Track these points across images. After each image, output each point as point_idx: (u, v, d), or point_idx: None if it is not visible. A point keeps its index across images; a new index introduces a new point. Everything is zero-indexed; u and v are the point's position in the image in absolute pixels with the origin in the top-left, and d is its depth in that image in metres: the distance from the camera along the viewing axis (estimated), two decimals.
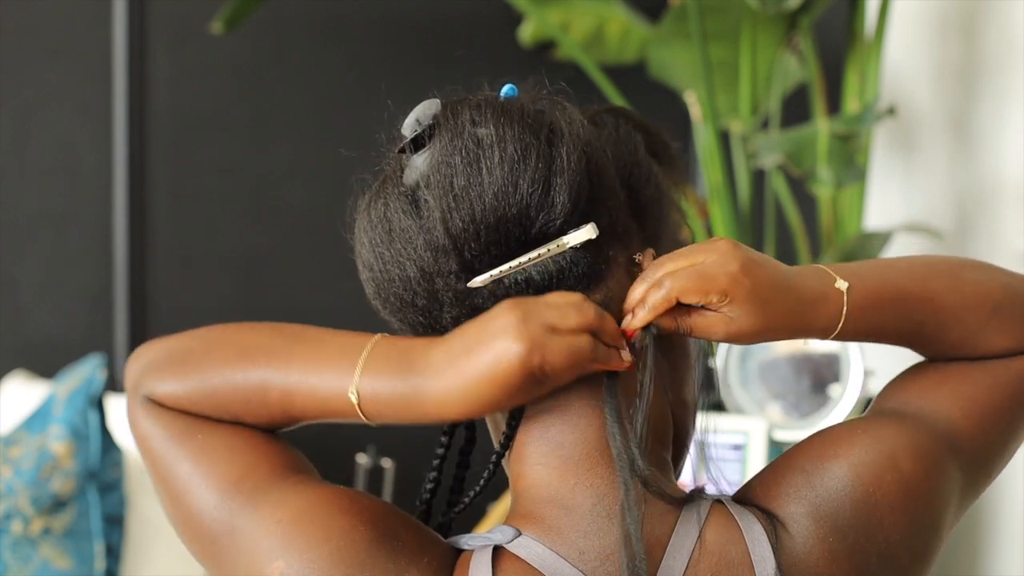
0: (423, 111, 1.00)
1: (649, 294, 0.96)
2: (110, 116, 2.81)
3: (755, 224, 2.62)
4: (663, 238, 1.04)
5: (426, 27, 2.94)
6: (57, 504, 2.35)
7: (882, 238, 2.45)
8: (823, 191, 2.40)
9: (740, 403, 2.14)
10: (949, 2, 2.71)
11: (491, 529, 0.97)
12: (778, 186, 2.64)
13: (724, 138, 2.60)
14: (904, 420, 1.02)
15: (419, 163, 0.98)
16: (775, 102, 2.57)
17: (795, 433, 2.10)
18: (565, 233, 0.97)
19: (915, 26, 2.77)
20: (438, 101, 1.01)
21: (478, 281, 0.96)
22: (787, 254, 2.68)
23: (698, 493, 0.99)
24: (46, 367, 2.72)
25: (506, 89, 1.05)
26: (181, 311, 2.87)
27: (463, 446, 1.05)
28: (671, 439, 1.04)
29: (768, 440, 2.05)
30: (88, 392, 2.40)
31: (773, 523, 0.96)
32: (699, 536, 0.95)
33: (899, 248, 2.73)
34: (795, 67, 2.63)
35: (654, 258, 1.00)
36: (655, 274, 0.97)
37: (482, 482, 1.02)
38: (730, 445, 2.08)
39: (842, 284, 1.00)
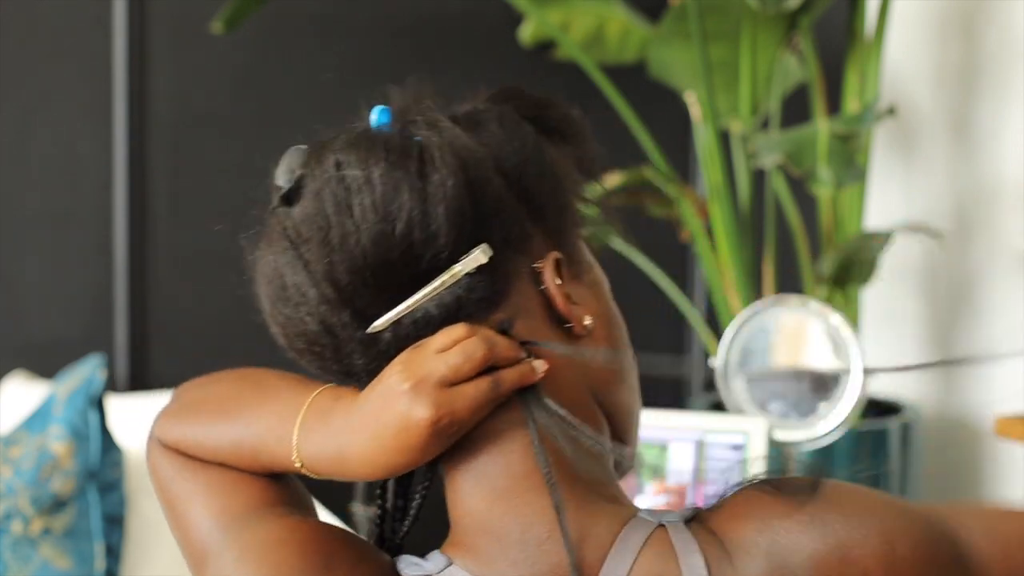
0: (290, 160, 0.98)
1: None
2: (110, 116, 2.81)
3: (755, 224, 2.62)
4: (567, 229, 1.00)
5: (426, 27, 2.94)
6: (57, 504, 2.35)
7: (882, 238, 2.45)
8: (823, 191, 2.40)
9: (740, 403, 2.14)
10: (949, 2, 2.71)
11: (426, 555, 0.97)
12: (778, 186, 2.64)
13: (724, 138, 2.60)
14: (930, 517, 0.94)
15: (296, 217, 0.96)
16: (775, 102, 2.57)
17: (795, 433, 2.10)
18: (456, 260, 0.93)
19: (915, 26, 2.77)
20: (304, 148, 0.98)
21: (376, 326, 0.94)
22: (787, 254, 2.68)
23: (646, 513, 0.95)
24: (46, 367, 2.72)
25: (377, 115, 0.99)
26: (181, 311, 2.87)
27: (393, 500, 1.04)
28: (607, 441, 0.99)
29: (768, 440, 2.05)
30: (88, 392, 2.40)
31: (720, 552, 0.91)
32: (633, 563, 0.91)
33: (899, 248, 2.73)
34: (795, 67, 2.63)
35: (557, 262, 0.97)
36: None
37: (409, 520, 1.03)
38: (730, 445, 2.08)
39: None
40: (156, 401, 2.57)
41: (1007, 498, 2.48)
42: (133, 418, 2.56)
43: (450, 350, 0.93)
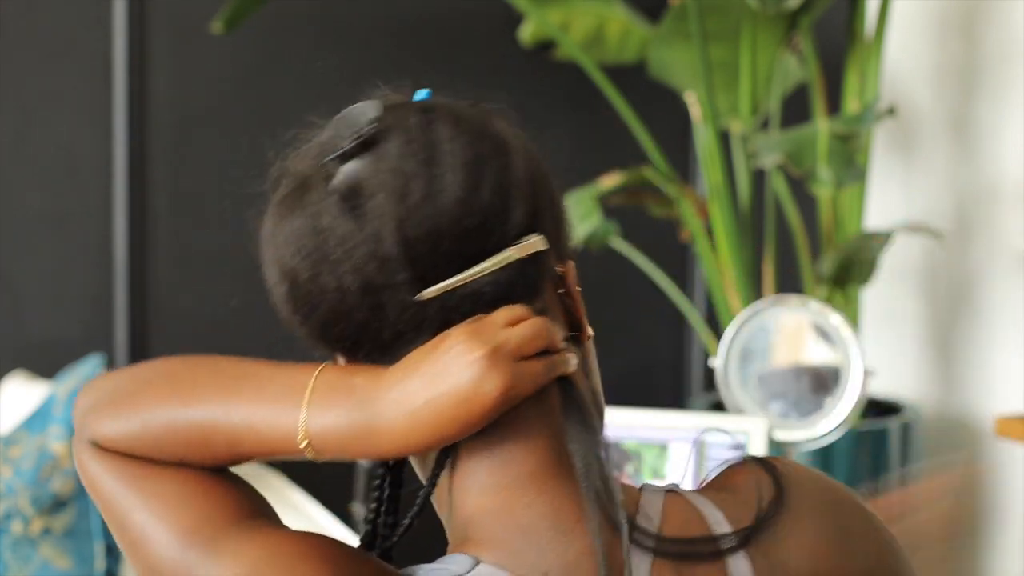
0: (364, 111, 0.94)
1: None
2: (110, 116, 2.81)
3: (755, 224, 2.62)
4: (568, 246, 1.00)
5: (426, 27, 2.94)
6: (57, 504, 2.35)
7: (882, 238, 2.45)
8: (823, 191, 2.40)
9: (740, 403, 2.14)
10: (949, 2, 2.71)
11: (441, 559, 0.93)
12: (778, 186, 2.64)
13: (724, 138, 2.60)
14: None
15: (357, 171, 0.92)
16: (775, 102, 2.57)
17: (795, 433, 2.10)
18: (513, 244, 0.92)
19: (915, 26, 2.77)
20: (378, 102, 0.95)
21: (429, 293, 0.91)
22: (787, 254, 2.68)
23: (650, 487, 0.96)
24: (46, 367, 2.72)
25: (423, 93, 0.97)
26: (181, 311, 2.87)
27: (390, 492, 0.99)
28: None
29: (768, 440, 2.05)
30: None
31: (733, 499, 0.94)
32: (660, 520, 0.93)
33: (899, 248, 2.73)
34: (795, 67, 2.63)
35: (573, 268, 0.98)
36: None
37: (409, 518, 0.97)
38: (730, 445, 2.07)
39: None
40: None
41: (1007, 497, 2.48)
42: None
43: (521, 324, 0.91)
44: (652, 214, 2.73)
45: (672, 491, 0.95)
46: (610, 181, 2.63)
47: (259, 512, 0.95)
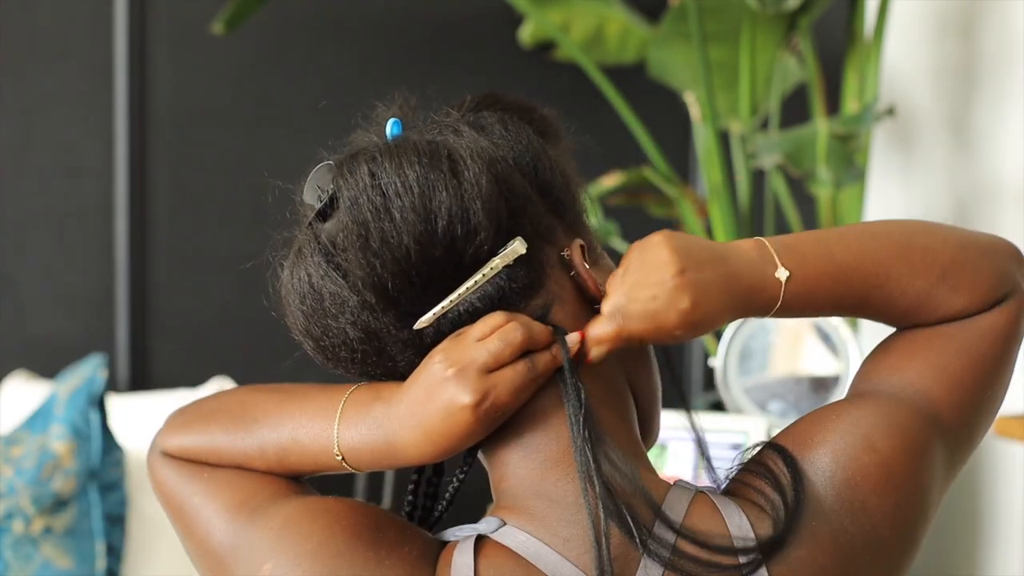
0: (318, 178, 1.01)
1: (600, 327, 0.99)
2: (111, 116, 2.82)
3: (755, 224, 2.62)
4: (579, 221, 1.05)
5: (426, 27, 2.95)
6: (58, 503, 2.35)
7: None
8: (823, 191, 2.41)
9: (740, 403, 2.15)
10: (949, 2, 2.71)
11: (478, 522, 1.00)
12: (778, 186, 2.64)
13: (724, 138, 2.60)
14: (879, 399, 1.02)
15: (330, 229, 0.99)
16: (775, 102, 2.57)
17: None
18: (495, 253, 0.98)
19: (915, 26, 2.77)
20: (331, 163, 1.01)
21: (422, 322, 0.98)
22: None
23: (682, 484, 1.00)
24: (47, 367, 2.72)
25: (391, 127, 1.02)
26: (181, 311, 2.87)
27: (430, 477, 1.08)
28: (636, 423, 1.04)
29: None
30: (89, 392, 2.40)
31: (758, 512, 0.98)
32: (683, 520, 0.96)
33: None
34: (795, 67, 2.63)
35: (582, 248, 1.01)
36: (614, 313, 0.98)
37: (448, 497, 1.06)
38: (730, 444, 2.08)
39: (782, 273, 1.01)
40: (157, 401, 2.58)
41: (1007, 497, 2.48)
42: (134, 418, 2.56)
43: (490, 337, 0.97)
44: (652, 214, 2.73)
45: (703, 492, 1.00)
46: (610, 181, 2.64)
47: (304, 493, 1.04)
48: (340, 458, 1.01)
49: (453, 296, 0.97)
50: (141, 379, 2.83)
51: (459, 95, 1.07)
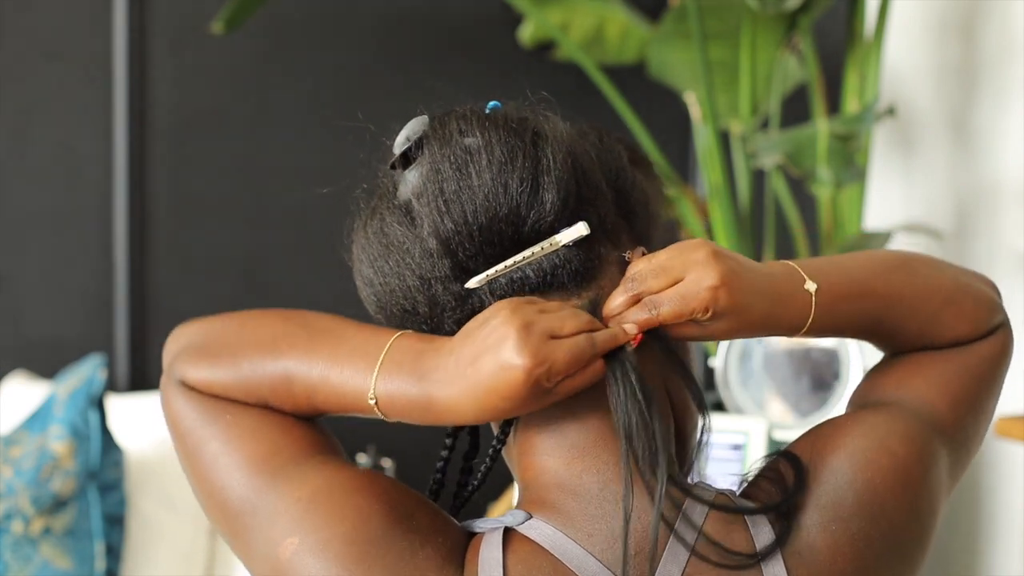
0: (412, 127, 1.03)
1: (632, 313, 0.99)
2: (110, 116, 2.81)
3: (755, 224, 2.62)
4: (653, 238, 1.07)
5: (426, 27, 2.94)
6: (57, 504, 2.35)
7: (882, 238, 2.45)
8: (823, 191, 2.40)
9: (740, 403, 2.14)
10: (949, 2, 2.71)
11: (503, 514, 1.00)
12: (778, 186, 2.64)
13: (724, 138, 2.60)
14: (891, 408, 1.06)
15: (411, 177, 1.02)
16: (775, 102, 2.57)
17: (795, 432, 2.11)
18: (556, 232, 1.00)
19: (915, 26, 2.77)
20: (426, 117, 1.04)
21: (474, 282, 1.00)
22: (787, 254, 2.68)
23: (704, 484, 1.01)
24: (46, 367, 2.72)
25: (492, 104, 1.06)
26: (181, 311, 2.86)
27: (467, 451, 1.07)
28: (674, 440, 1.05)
29: (768, 440, 2.06)
30: (88, 392, 2.40)
31: (777, 514, 0.99)
32: (704, 521, 0.97)
33: (899, 248, 2.73)
34: (795, 67, 2.63)
35: (643, 255, 1.02)
36: (636, 287, 0.99)
37: (480, 475, 1.06)
38: (730, 445, 2.08)
39: (811, 286, 1.03)
40: (156, 401, 2.58)
41: (1007, 497, 2.48)
42: (133, 418, 2.56)
43: (560, 308, 0.97)
44: None
45: (723, 493, 1.01)
46: None
47: (329, 451, 1.02)
48: (374, 402, 0.99)
49: (508, 261, 0.99)
50: (140, 379, 2.83)
51: (459, 95, 1.08)
